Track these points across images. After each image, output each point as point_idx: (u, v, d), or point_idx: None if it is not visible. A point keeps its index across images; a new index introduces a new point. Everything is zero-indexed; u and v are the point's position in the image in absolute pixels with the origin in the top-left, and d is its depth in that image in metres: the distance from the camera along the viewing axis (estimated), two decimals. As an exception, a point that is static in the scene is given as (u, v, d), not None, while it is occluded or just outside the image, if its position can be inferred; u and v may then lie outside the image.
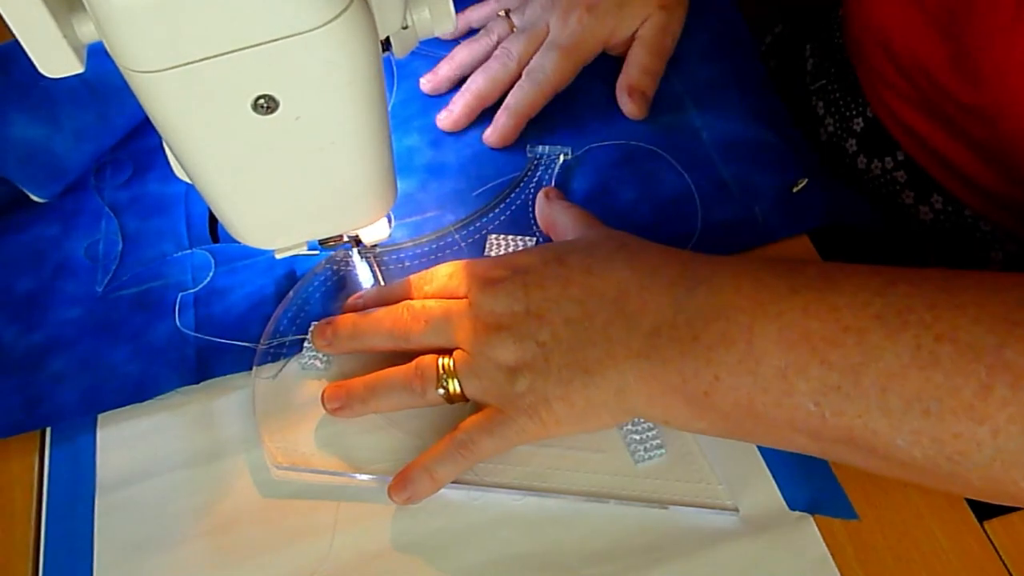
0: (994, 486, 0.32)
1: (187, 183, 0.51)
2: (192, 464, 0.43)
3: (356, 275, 0.48)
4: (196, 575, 0.40)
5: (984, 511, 0.39)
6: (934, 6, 0.51)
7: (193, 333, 0.47)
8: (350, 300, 0.46)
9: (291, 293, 0.48)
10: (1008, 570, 0.38)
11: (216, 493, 0.42)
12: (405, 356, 0.42)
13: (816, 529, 0.39)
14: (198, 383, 0.45)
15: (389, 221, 0.48)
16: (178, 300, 0.48)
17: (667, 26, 0.54)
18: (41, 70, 0.33)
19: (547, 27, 0.55)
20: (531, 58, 0.54)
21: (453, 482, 0.41)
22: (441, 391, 0.41)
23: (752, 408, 0.35)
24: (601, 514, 0.40)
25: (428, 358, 0.41)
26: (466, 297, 0.42)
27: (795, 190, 0.48)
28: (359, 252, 0.49)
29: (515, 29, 0.56)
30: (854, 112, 0.60)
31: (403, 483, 0.40)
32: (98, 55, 0.33)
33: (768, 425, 0.36)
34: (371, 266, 0.48)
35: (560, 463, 0.41)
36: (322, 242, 0.47)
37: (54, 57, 0.32)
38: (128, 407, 0.45)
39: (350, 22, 0.31)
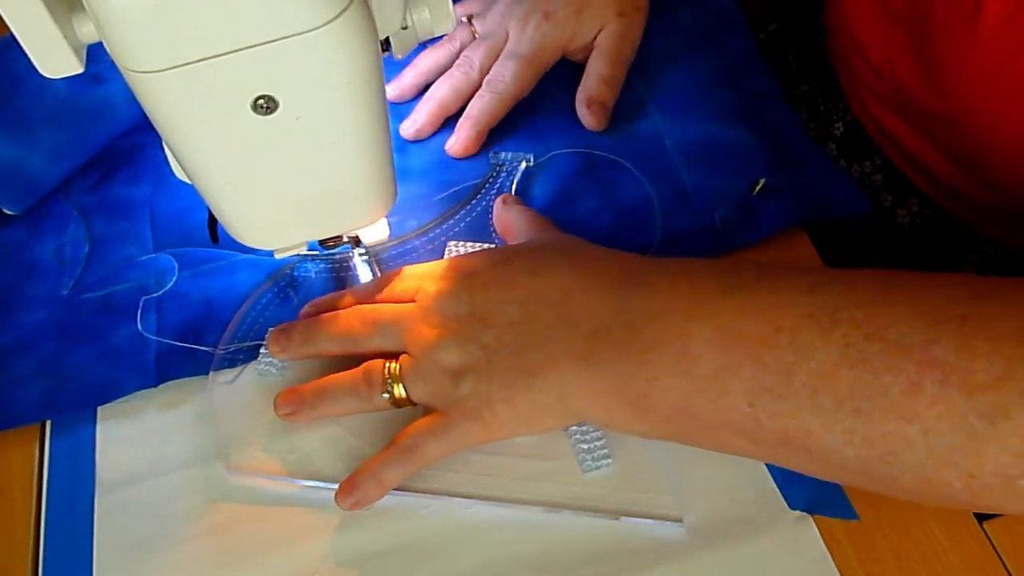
0: (928, 487, 0.32)
1: (151, 189, 0.52)
2: (192, 464, 0.43)
3: (356, 275, 0.48)
4: (196, 575, 0.40)
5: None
6: (904, 14, 0.51)
7: (154, 337, 0.46)
8: (305, 307, 0.46)
9: (250, 298, 0.48)
10: (1008, 570, 0.38)
11: (216, 493, 0.42)
12: (362, 361, 0.42)
13: (816, 529, 0.39)
14: (156, 386, 0.45)
15: (388, 222, 0.48)
16: (141, 304, 0.48)
17: (626, 33, 0.54)
18: (41, 70, 0.33)
19: (506, 34, 0.55)
20: (492, 66, 0.54)
21: (400, 489, 0.41)
22: (386, 395, 0.41)
23: (689, 410, 0.35)
24: (600, 514, 0.40)
25: (375, 362, 0.41)
26: (414, 301, 0.42)
27: (755, 192, 0.48)
28: (359, 253, 0.49)
29: (477, 35, 0.56)
30: (835, 117, 0.61)
31: (350, 488, 0.40)
32: (78, 78, 0.33)
33: (706, 427, 0.36)
34: (371, 266, 0.48)
35: (509, 471, 0.41)
36: (322, 242, 0.46)
37: (54, 57, 0.32)
38: (129, 407, 0.45)
39: (350, 22, 0.31)
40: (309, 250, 0.47)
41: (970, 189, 0.53)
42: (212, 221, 0.49)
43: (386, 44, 0.38)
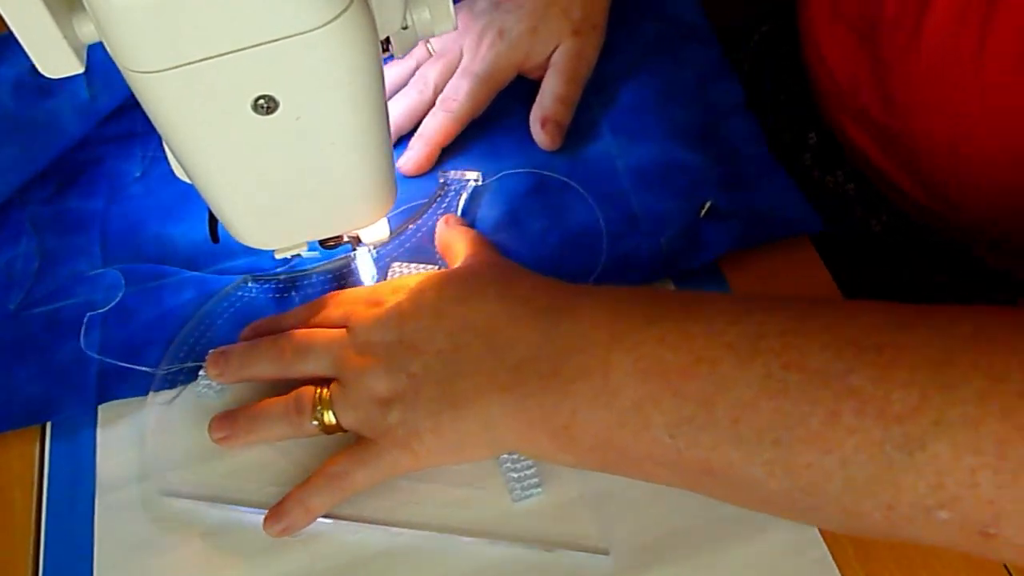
0: (851, 519, 0.31)
1: (105, 202, 0.51)
2: (192, 464, 0.43)
3: (358, 276, 0.49)
4: (196, 575, 0.40)
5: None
6: (862, 30, 0.51)
7: (96, 355, 0.46)
8: (244, 330, 0.46)
9: (193, 319, 0.47)
10: (1008, 570, 0.38)
11: (216, 493, 0.42)
12: (300, 385, 0.42)
13: (816, 529, 0.39)
14: (96, 406, 0.45)
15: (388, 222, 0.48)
16: (85, 320, 0.47)
17: (581, 52, 0.53)
18: (41, 70, 0.33)
19: (461, 52, 0.54)
20: (446, 84, 0.53)
21: (329, 516, 0.40)
22: (316, 422, 0.40)
23: (611, 442, 0.35)
24: (600, 514, 0.40)
25: (306, 389, 0.41)
26: (346, 326, 0.42)
27: (702, 214, 0.47)
28: (360, 252, 0.49)
29: (432, 53, 0.55)
30: (809, 126, 0.60)
31: (277, 515, 0.40)
32: (21, 88, 0.33)
33: (630, 459, 0.35)
34: (372, 266, 0.48)
35: (438, 499, 0.41)
36: (322, 242, 0.46)
37: (54, 57, 0.32)
38: (129, 406, 0.45)
39: (350, 22, 0.31)
40: (309, 250, 0.47)
41: (930, 203, 0.53)
42: (212, 221, 0.49)
43: (386, 44, 0.38)
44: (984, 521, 0.28)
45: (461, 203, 0.50)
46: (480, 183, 0.51)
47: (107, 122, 0.55)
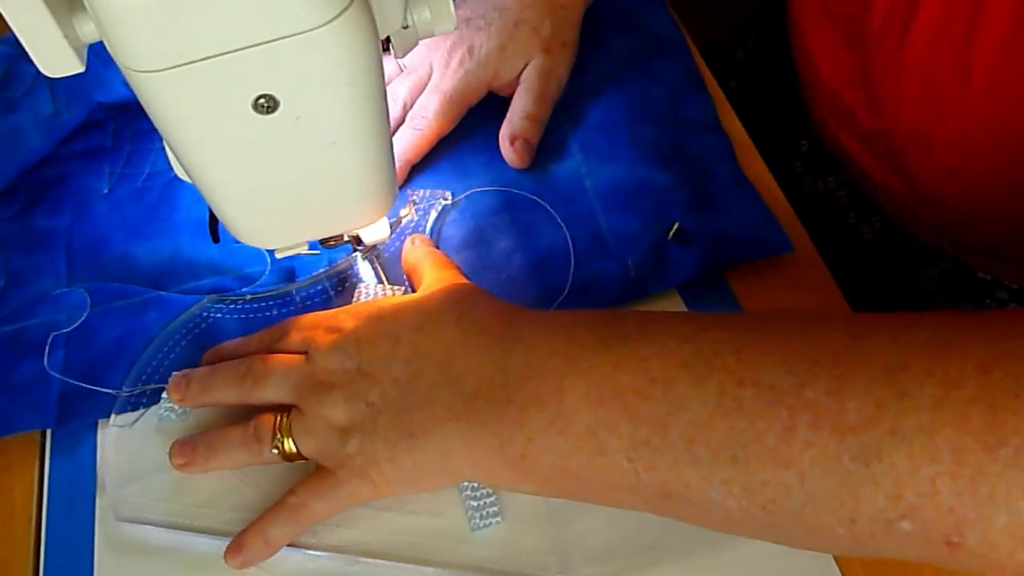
0: (814, 536, 0.31)
1: (71, 220, 0.51)
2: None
3: (358, 276, 0.48)
4: (196, 575, 0.40)
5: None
6: (847, 28, 0.51)
7: (58, 375, 0.45)
8: (207, 353, 0.46)
9: (157, 340, 0.47)
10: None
11: (216, 492, 0.42)
12: (263, 410, 0.42)
13: (816, 529, 0.39)
14: (57, 427, 0.44)
15: (389, 223, 0.48)
16: (49, 340, 0.47)
17: (551, 70, 0.53)
18: (42, 70, 0.32)
19: (431, 69, 0.54)
20: (415, 101, 0.53)
21: (290, 545, 0.40)
22: (275, 450, 0.40)
23: (568, 470, 0.35)
24: (600, 514, 0.40)
25: (265, 416, 0.41)
26: (306, 352, 0.41)
27: (669, 236, 0.47)
28: (360, 253, 0.49)
29: (402, 69, 0.55)
30: (799, 133, 0.60)
31: (238, 548, 0.39)
32: None
33: (589, 486, 0.35)
34: (373, 266, 0.48)
35: (397, 528, 0.40)
36: (322, 242, 0.47)
37: (55, 57, 0.32)
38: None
39: (350, 22, 0.31)
40: (310, 249, 0.47)
41: (919, 208, 0.53)
42: (213, 220, 0.49)
43: (387, 44, 0.38)
44: (946, 530, 0.28)
45: (430, 222, 0.50)
46: (450, 202, 0.50)
47: (74, 138, 0.55)
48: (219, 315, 0.48)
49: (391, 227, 0.49)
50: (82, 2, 0.31)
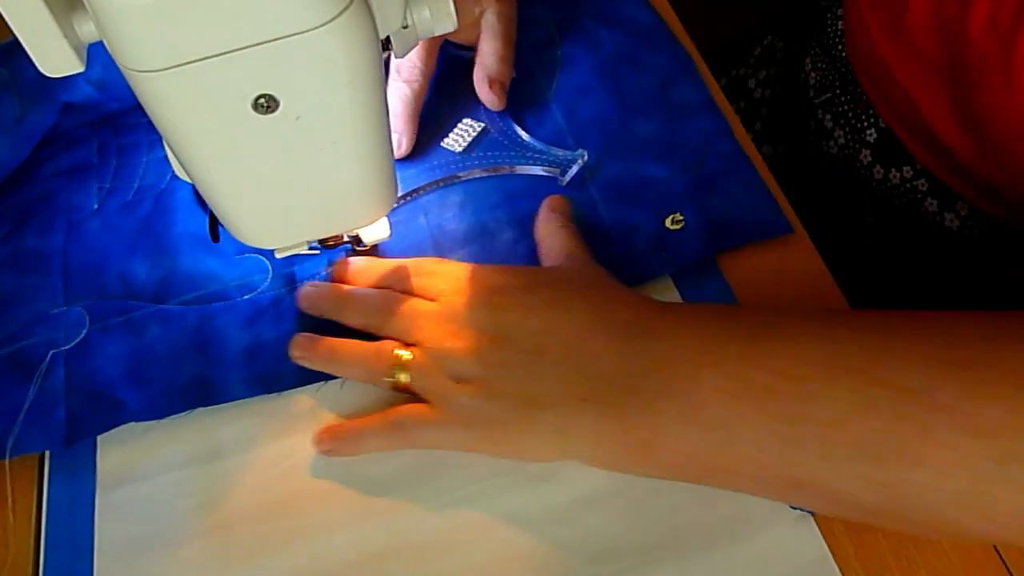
0: (945, 528, 0.32)
1: (63, 239, 0.50)
2: (192, 464, 0.43)
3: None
4: (196, 575, 0.40)
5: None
6: (939, 64, 0.50)
7: (62, 394, 0.45)
8: (336, 264, 0.47)
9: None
10: (1008, 570, 0.38)
11: (216, 493, 0.42)
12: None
13: (816, 529, 0.39)
14: (66, 448, 0.43)
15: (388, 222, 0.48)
16: (48, 358, 0.46)
17: (511, 15, 0.54)
18: (42, 70, 0.32)
19: None
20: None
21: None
22: (389, 378, 0.41)
23: (694, 456, 0.36)
24: (600, 514, 0.40)
25: (389, 344, 0.42)
26: (438, 299, 0.43)
27: (670, 226, 0.47)
28: (358, 251, 0.49)
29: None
30: (865, 123, 0.60)
31: (330, 436, 0.41)
32: None
33: (714, 472, 0.36)
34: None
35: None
36: (322, 242, 0.47)
37: (55, 57, 0.32)
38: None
39: (350, 21, 0.31)
40: (309, 249, 0.47)
41: (1010, 192, 0.53)
42: (213, 220, 0.49)
43: (386, 43, 0.38)
44: None
45: (567, 178, 0.50)
46: (586, 159, 0.51)
47: (58, 156, 0.54)
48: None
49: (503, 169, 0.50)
50: (82, 2, 0.31)
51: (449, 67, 0.57)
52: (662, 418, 0.36)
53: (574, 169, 0.50)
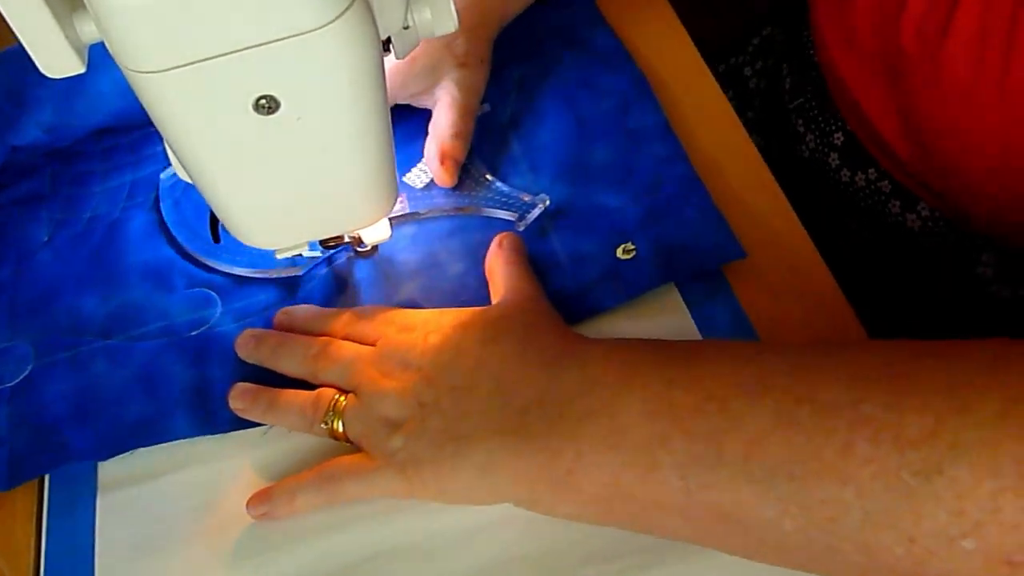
0: (871, 557, 0.30)
1: (14, 268, 0.49)
2: (192, 464, 0.43)
3: (357, 276, 0.48)
4: (196, 575, 0.40)
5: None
6: (878, 59, 0.51)
7: (5, 432, 0.44)
8: (280, 313, 0.46)
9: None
10: None
11: (216, 493, 0.42)
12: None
13: (817, 530, 0.39)
14: (7, 488, 0.43)
15: (390, 222, 0.48)
16: None
17: (472, 85, 0.52)
18: (43, 70, 0.32)
19: None
20: None
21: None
22: (325, 425, 0.41)
23: (618, 487, 0.34)
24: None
25: (326, 391, 0.42)
26: (374, 343, 0.43)
27: (622, 255, 0.47)
28: (358, 253, 0.49)
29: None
30: (833, 127, 0.60)
31: (265, 499, 0.41)
32: None
33: (636, 505, 0.35)
34: (372, 267, 0.48)
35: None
36: (323, 242, 0.47)
37: (55, 57, 0.32)
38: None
39: (351, 22, 0.31)
40: (310, 250, 0.47)
41: (964, 200, 0.53)
42: (213, 221, 0.49)
43: (387, 44, 0.38)
44: (1009, 548, 0.27)
45: (527, 223, 0.49)
46: (548, 204, 0.49)
47: (9, 186, 0.54)
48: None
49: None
50: (82, 2, 0.31)
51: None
52: (583, 444, 0.35)
53: (534, 214, 0.49)
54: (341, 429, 0.41)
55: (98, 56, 0.33)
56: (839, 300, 0.46)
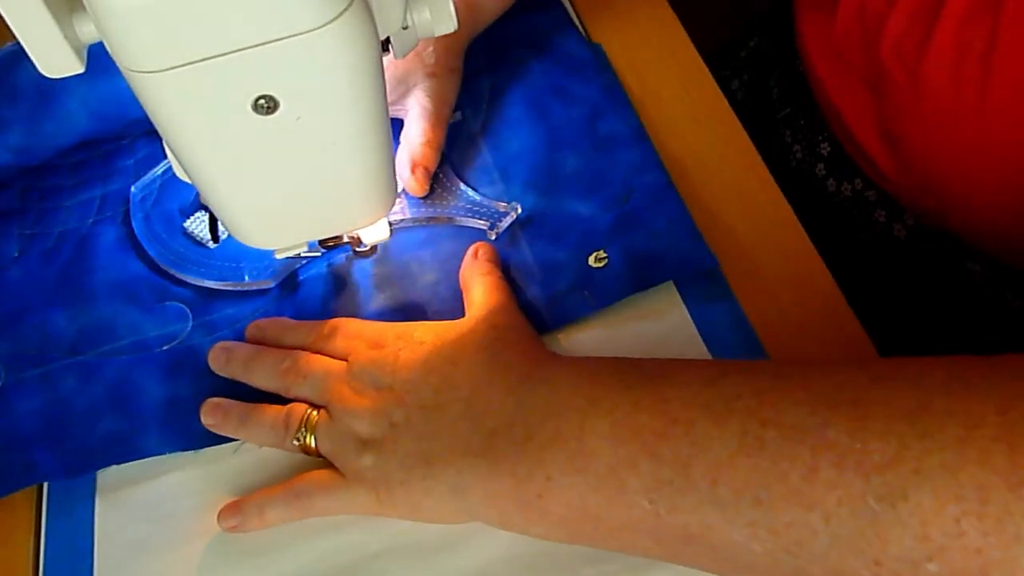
0: None
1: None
2: (192, 464, 0.44)
3: (356, 277, 0.48)
4: (196, 575, 0.40)
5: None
6: (863, 72, 0.51)
7: None
8: (251, 326, 0.46)
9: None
10: None
11: (216, 494, 0.42)
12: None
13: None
14: None
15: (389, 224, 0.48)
16: None
17: (443, 94, 0.51)
18: (42, 70, 0.32)
19: None
20: None
21: None
22: (297, 441, 0.41)
23: (587, 510, 0.35)
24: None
25: (298, 407, 0.42)
26: (347, 359, 0.42)
27: (594, 263, 0.46)
28: (357, 253, 0.49)
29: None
30: (820, 138, 0.60)
31: (235, 511, 0.41)
32: None
33: (605, 527, 0.35)
34: (371, 268, 0.48)
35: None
36: (322, 242, 0.47)
37: (55, 57, 0.32)
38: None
39: (350, 22, 0.31)
40: (309, 250, 0.47)
41: (947, 212, 0.53)
42: (213, 221, 0.49)
43: (387, 44, 0.38)
44: (973, 572, 0.28)
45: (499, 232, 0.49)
46: (520, 212, 0.49)
47: None
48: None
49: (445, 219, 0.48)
50: (82, 2, 0.31)
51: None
52: (551, 469, 0.35)
53: (505, 222, 0.49)
54: (314, 444, 0.41)
55: (66, 78, 0.33)
56: (839, 300, 0.46)
